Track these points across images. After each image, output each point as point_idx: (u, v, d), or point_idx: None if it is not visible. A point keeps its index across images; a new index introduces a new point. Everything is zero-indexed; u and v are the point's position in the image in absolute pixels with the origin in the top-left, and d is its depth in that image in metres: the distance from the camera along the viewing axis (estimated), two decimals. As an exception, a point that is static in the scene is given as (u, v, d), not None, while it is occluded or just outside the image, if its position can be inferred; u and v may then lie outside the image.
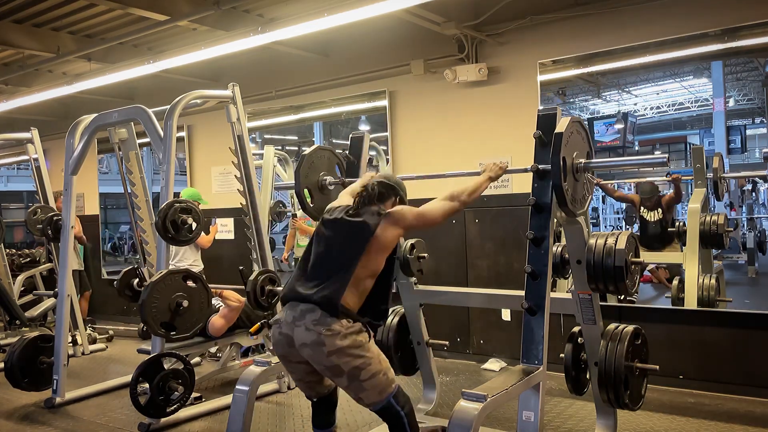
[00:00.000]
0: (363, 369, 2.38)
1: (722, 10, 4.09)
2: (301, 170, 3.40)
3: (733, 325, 4.16)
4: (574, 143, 2.63)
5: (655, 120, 7.02)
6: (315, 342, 2.35)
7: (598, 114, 6.65)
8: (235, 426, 2.87)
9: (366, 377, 2.39)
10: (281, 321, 2.48)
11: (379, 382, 2.42)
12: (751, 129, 6.52)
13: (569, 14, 4.62)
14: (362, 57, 5.73)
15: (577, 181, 2.65)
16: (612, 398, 2.92)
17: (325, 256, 2.53)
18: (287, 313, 2.46)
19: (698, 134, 7.10)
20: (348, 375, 2.38)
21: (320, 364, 2.41)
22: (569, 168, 2.58)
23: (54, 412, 4.26)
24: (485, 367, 4.91)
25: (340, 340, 2.34)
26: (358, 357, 2.37)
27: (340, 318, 2.37)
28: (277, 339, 2.50)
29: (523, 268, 2.61)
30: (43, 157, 6.15)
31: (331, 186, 3.48)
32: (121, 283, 4.84)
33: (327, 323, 2.35)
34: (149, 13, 4.86)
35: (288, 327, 2.43)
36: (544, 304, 2.52)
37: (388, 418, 2.48)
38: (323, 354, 2.35)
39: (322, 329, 2.34)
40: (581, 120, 2.72)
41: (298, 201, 3.50)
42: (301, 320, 2.39)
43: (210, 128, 6.94)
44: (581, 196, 2.72)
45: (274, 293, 4.21)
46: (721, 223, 4.53)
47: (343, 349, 2.35)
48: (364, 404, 2.48)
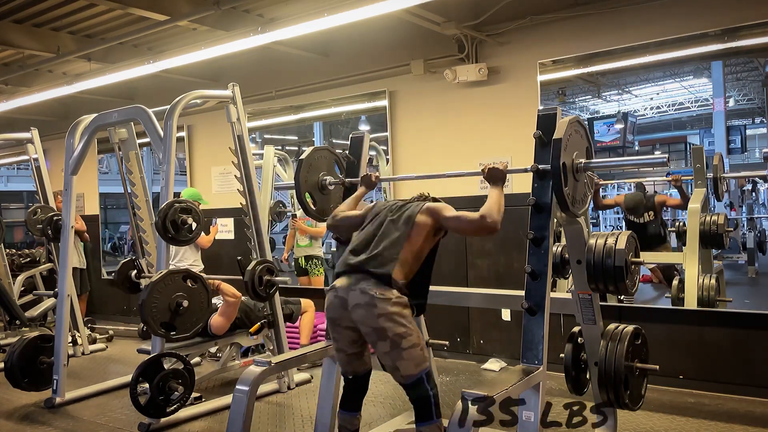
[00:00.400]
0: (405, 338, 2.54)
1: (722, 10, 4.09)
2: (300, 174, 3.38)
3: (733, 325, 4.16)
4: (574, 143, 2.62)
5: (655, 120, 7.03)
6: (368, 303, 2.55)
7: (598, 114, 6.65)
8: (235, 426, 2.87)
9: (406, 346, 2.54)
10: (337, 287, 2.68)
11: (417, 355, 2.58)
12: (751, 129, 6.52)
13: (569, 14, 4.63)
14: (362, 57, 5.73)
15: (577, 182, 2.64)
16: (612, 398, 2.92)
17: (378, 235, 2.75)
18: (342, 281, 2.67)
19: (698, 134, 7.10)
20: (391, 340, 2.54)
21: (368, 326, 2.57)
22: (569, 169, 2.57)
23: (54, 412, 4.26)
24: (485, 367, 4.91)
25: (390, 306, 2.54)
26: (403, 325, 2.55)
27: (392, 287, 2.58)
28: (332, 302, 2.69)
29: (523, 268, 2.61)
30: (43, 157, 6.15)
31: (331, 186, 3.46)
32: (119, 274, 4.86)
33: (381, 288, 2.57)
34: (149, 13, 4.86)
35: (344, 291, 2.64)
36: (544, 304, 2.52)
37: (417, 395, 2.59)
38: (374, 315, 2.54)
39: (376, 292, 2.55)
40: (580, 119, 2.70)
41: (300, 205, 3.49)
42: (356, 285, 2.61)
43: (210, 128, 6.95)
44: (582, 196, 2.71)
45: (272, 283, 4.21)
46: (721, 223, 4.52)
47: (391, 314, 2.54)
48: (399, 376, 2.60)
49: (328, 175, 3.48)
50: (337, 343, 2.78)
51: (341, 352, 2.79)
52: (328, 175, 3.48)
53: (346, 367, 2.83)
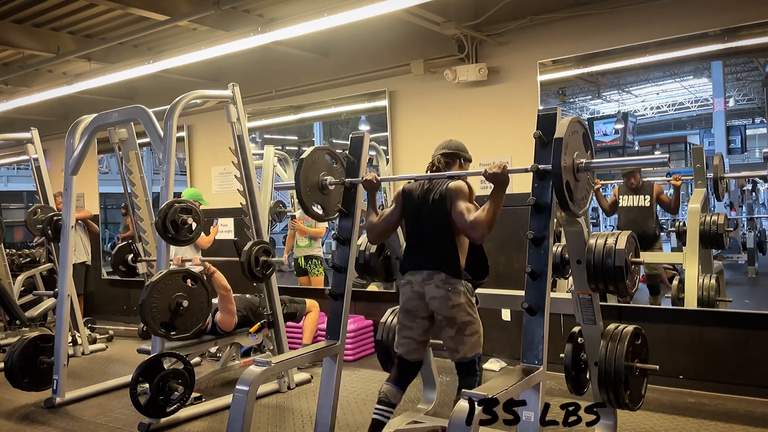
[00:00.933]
0: (469, 325, 2.90)
1: (722, 10, 4.09)
2: (301, 175, 3.36)
3: (733, 325, 4.16)
4: (574, 143, 2.61)
5: (655, 120, 7.02)
6: (443, 297, 2.89)
7: (598, 114, 6.65)
8: (235, 426, 2.87)
9: (469, 333, 2.90)
10: (413, 282, 2.99)
11: (476, 341, 2.93)
12: (751, 129, 6.53)
13: (569, 14, 4.63)
14: (362, 57, 5.73)
15: (578, 182, 2.64)
16: (612, 398, 2.93)
17: (427, 228, 3.00)
18: (415, 276, 2.99)
19: (698, 134, 7.10)
20: (458, 326, 2.89)
21: (442, 314, 2.92)
22: (570, 169, 2.56)
23: (54, 412, 4.26)
24: (485, 367, 4.91)
25: (461, 297, 2.89)
26: (469, 314, 2.91)
27: (461, 278, 2.91)
28: (409, 296, 3.01)
29: (523, 268, 2.61)
30: (43, 157, 6.15)
31: (331, 186, 3.46)
32: (115, 258, 4.86)
33: (452, 283, 2.90)
34: (149, 13, 4.86)
35: (419, 286, 2.96)
36: (544, 304, 2.51)
37: (467, 373, 2.93)
38: (447, 306, 2.89)
39: (449, 287, 2.89)
40: (581, 119, 2.70)
41: (300, 205, 3.48)
42: (430, 280, 2.93)
43: (210, 128, 6.95)
44: (582, 196, 2.70)
45: (268, 264, 4.20)
46: (721, 223, 4.52)
47: (462, 305, 2.89)
48: (456, 356, 2.93)
49: (329, 175, 3.49)
50: (410, 331, 3.03)
51: (410, 340, 3.05)
52: (329, 175, 3.49)
53: (411, 354, 3.08)
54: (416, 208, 3.06)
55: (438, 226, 2.97)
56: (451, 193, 2.94)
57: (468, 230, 2.84)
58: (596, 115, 6.60)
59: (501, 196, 2.77)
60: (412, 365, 3.12)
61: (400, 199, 3.16)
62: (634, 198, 5.21)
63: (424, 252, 3.01)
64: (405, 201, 3.13)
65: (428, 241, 3.00)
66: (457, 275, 2.91)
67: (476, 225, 2.78)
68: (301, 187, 3.34)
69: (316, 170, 3.44)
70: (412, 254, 3.07)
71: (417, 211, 3.06)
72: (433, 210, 2.98)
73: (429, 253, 2.98)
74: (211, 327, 4.45)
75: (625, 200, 5.26)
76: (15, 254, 7.28)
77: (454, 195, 2.93)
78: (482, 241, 2.90)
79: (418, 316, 3.01)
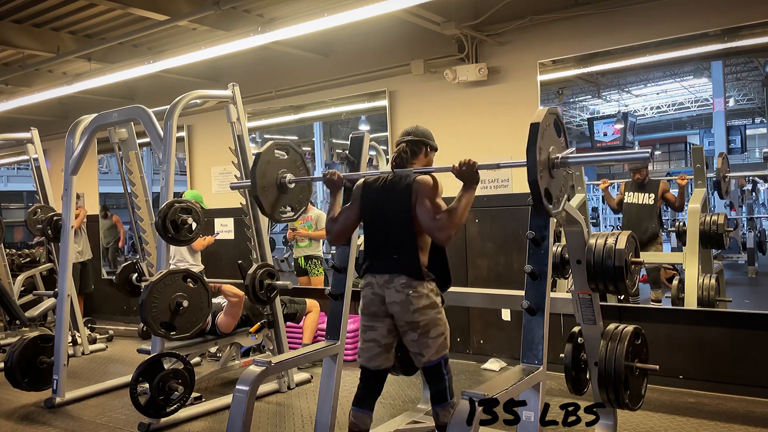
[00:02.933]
0: (433, 327, 2.71)
1: (722, 10, 4.09)
2: (257, 169, 3.19)
3: (733, 325, 4.16)
4: (549, 137, 2.44)
5: (655, 120, 7.02)
6: (403, 301, 2.70)
7: (598, 114, 6.64)
8: (235, 426, 2.87)
9: (434, 335, 2.72)
10: (373, 284, 2.79)
11: (441, 343, 2.74)
12: (751, 129, 6.52)
13: (569, 14, 4.62)
14: (362, 57, 5.73)
15: (553, 178, 2.46)
16: (612, 398, 2.93)
17: (387, 225, 2.79)
18: (376, 279, 2.79)
19: (698, 134, 7.10)
20: (421, 329, 2.70)
21: (403, 320, 2.73)
22: (544, 163, 2.38)
23: (54, 412, 4.26)
24: (485, 367, 4.91)
25: (423, 300, 2.70)
26: (433, 316, 2.72)
27: (423, 279, 2.72)
28: (370, 298, 2.80)
29: (523, 268, 2.61)
30: (43, 157, 6.15)
31: (291, 184, 3.31)
32: (119, 277, 4.86)
33: (413, 286, 2.70)
34: (149, 13, 4.86)
35: (380, 288, 2.77)
36: (544, 304, 2.51)
37: (434, 377, 2.75)
38: (409, 311, 2.69)
39: (410, 290, 2.70)
40: (558, 112, 2.51)
41: (256, 203, 3.30)
42: (390, 283, 2.73)
43: (210, 128, 6.94)
44: (557, 194, 2.51)
45: (273, 287, 4.21)
46: (721, 223, 4.53)
47: (424, 308, 2.70)
48: (421, 361, 2.75)
49: (289, 172, 3.32)
50: (372, 332, 2.82)
51: (374, 343, 2.82)
52: (289, 172, 3.32)
53: (373, 361, 2.84)
54: (376, 203, 2.82)
55: (399, 223, 2.73)
56: (418, 187, 2.70)
57: (434, 231, 2.63)
58: (596, 115, 6.59)
59: (471, 195, 2.62)
60: (377, 375, 2.87)
61: (358, 193, 2.92)
62: (639, 195, 5.24)
63: (383, 253, 2.79)
64: (364, 196, 2.88)
65: (388, 241, 2.78)
66: (418, 277, 2.70)
67: (443, 226, 2.59)
68: (257, 184, 3.18)
69: (275, 166, 3.30)
70: (371, 256, 2.84)
71: (376, 207, 2.82)
72: (395, 205, 2.75)
73: (388, 254, 2.76)
74: (211, 327, 4.46)
75: (630, 197, 5.29)
76: (15, 254, 7.28)
77: (421, 190, 2.69)
78: (448, 243, 2.68)
79: (381, 316, 2.79)
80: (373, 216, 2.86)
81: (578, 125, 6.70)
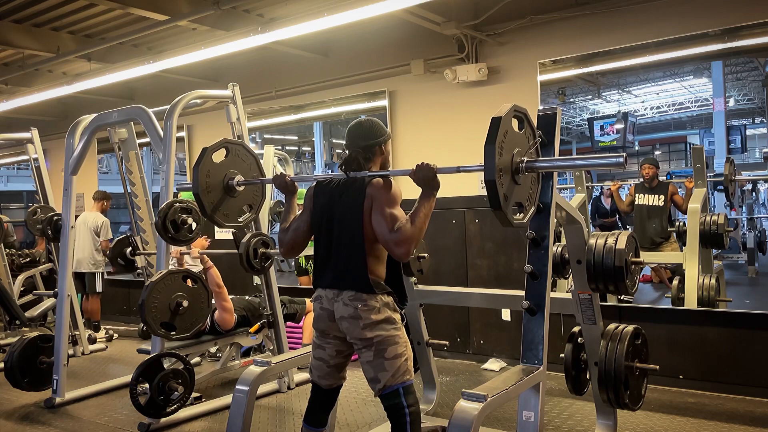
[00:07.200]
0: (390, 345, 2.43)
1: (722, 10, 4.10)
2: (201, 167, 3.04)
3: (733, 325, 4.15)
4: (513, 139, 2.24)
5: (655, 120, 7.03)
6: (352, 316, 2.43)
7: (598, 114, 6.65)
8: (235, 426, 2.87)
9: (390, 356, 2.43)
10: (322, 297, 2.55)
11: (399, 366, 2.44)
12: (751, 129, 6.54)
13: (569, 14, 4.63)
14: (362, 57, 5.73)
15: (517, 184, 2.23)
16: (612, 398, 2.92)
17: (336, 233, 2.52)
18: (325, 291, 2.53)
19: (698, 134, 7.12)
20: (375, 348, 2.42)
21: (354, 337, 2.46)
22: (507, 168, 2.19)
23: (54, 412, 4.26)
24: (485, 367, 4.91)
25: (375, 314, 2.42)
26: (389, 333, 2.44)
27: (375, 293, 2.43)
28: (319, 314, 2.56)
29: (523, 268, 2.61)
30: (43, 157, 6.15)
31: (239, 187, 3.16)
32: (113, 251, 4.85)
33: (363, 299, 2.42)
34: (149, 13, 4.87)
35: (329, 302, 2.51)
36: (544, 304, 2.51)
37: (392, 409, 2.48)
38: (359, 327, 2.42)
39: (359, 304, 2.42)
40: (526, 111, 2.31)
41: (197, 204, 3.11)
42: (339, 297, 2.47)
43: (210, 128, 6.94)
44: (524, 202, 2.30)
45: (267, 256, 4.19)
46: (721, 223, 4.53)
47: (377, 323, 2.42)
48: (377, 387, 2.47)
49: (238, 174, 3.17)
50: (321, 352, 2.61)
51: (322, 363, 2.62)
52: (238, 174, 3.17)
53: (323, 379, 2.65)
54: (324, 207, 2.55)
55: (349, 230, 2.46)
56: (373, 191, 2.42)
57: (391, 246, 2.35)
58: (596, 115, 6.60)
59: (431, 203, 2.41)
60: (327, 393, 2.69)
61: (310, 199, 2.65)
62: (649, 197, 5.28)
63: (331, 264, 2.52)
64: (314, 200, 2.62)
65: (336, 250, 2.51)
66: (368, 290, 2.42)
67: (401, 240, 2.31)
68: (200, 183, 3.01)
69: (224, 165, 3.16)
70: (319, 266, 2.58)
71: (325, 211, 2.55)
72: (346, 209, 2.47)
73: (337, 265, 2.49)
74: (210, 326, 4.45)
75: (641, 198, 5.32)
76: (15, 254, 7.28)
77: (378, 195, 2.41)
78: (406, 259, 2.43)
79: (330, 335, 2.55)
80: (322, 221, 2.57)
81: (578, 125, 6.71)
